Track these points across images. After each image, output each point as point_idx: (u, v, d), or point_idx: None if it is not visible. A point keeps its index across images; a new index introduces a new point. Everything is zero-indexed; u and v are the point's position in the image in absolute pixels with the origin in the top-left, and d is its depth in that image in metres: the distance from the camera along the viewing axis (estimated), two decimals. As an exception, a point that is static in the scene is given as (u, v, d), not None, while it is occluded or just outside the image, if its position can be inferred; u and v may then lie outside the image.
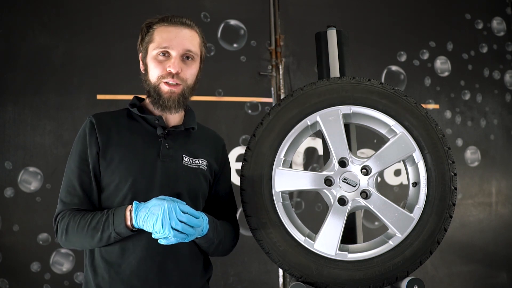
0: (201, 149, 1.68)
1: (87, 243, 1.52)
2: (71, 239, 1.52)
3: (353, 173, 1.52)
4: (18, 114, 2.98)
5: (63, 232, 1.52)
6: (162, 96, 1.58)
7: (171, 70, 1.56)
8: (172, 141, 1.61)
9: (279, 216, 1.51)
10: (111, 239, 1.48)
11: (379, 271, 1.47)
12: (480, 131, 3.69)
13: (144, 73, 1.63)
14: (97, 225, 1.48)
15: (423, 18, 3.65)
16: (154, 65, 1.58)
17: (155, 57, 1.58)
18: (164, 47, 1.57)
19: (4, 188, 2.92)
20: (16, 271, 2.89)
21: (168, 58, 1.58)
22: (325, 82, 1.55)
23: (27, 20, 3.03)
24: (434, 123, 1.51)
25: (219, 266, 3.16)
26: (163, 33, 1.59)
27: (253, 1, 3.40)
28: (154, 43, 1.59)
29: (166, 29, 1.59)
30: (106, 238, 1.48)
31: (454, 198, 1.49)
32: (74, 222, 1.51)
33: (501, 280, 3.60)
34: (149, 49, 1.60)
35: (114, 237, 1.47)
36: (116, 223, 1.46)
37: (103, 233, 1.47)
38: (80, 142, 1.58)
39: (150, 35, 1.61)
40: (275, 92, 3.37)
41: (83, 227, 1.49)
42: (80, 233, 1.49)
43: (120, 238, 1.49)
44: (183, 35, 1.59)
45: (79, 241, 1.52)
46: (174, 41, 1.57)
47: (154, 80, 1.58)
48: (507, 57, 3.78)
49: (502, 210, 3.68)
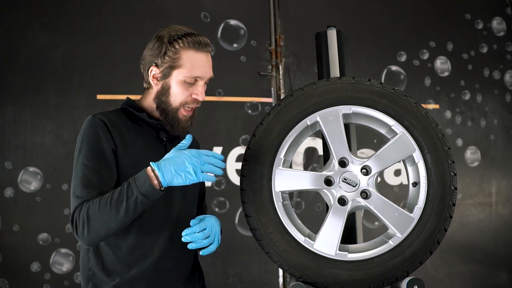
0: None
1: (113, 222, 1.42)
2: (95, 224, 1.43)
3: (353, 173, 1.52)
4: (18, 114, 2.98)
5: (84, 222, 1.44)
6: (179, 120, 1.59)
7: (198, 99, 1.59)
8: (173, 144, 1.63)
9: (279, 216, 1.51)
10: (138, 206, 1.41)
11: (379, 271, 1.47)
12: (480, 131, 3.69)
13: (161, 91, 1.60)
14: (120, 196, 1.41)
15: (423, 18, 3.65)
16: (181, 91, 1.57)
17: (183, 83, 1.57)
18: (195, 76, 1.57)
19: (4, 188, 2.92)
20: (16, 271, 2.89)
21: (193, 84, 1.58)
22: (325, 82, 1.55)
23: (27, 20, 3.03)
24: (434, 123, 1.51)
25: (219, 266, 3.16)
26: (193, 59, 1.56)
27: (253, 1, 3.40)
28: (184, 69, 1.56)
29: (195, 55, 1.57)
30: (133, 206, 1.40)
31: (454, 198, 1.49)
32: (94, 205, 1.43)
33: (501, 280, 3.60)
34: (175, 72, 1.57)
35: (141, 201, 1.40)
36: (139, 184, 1.40)
37: (128, 201, 1.40)
38: (94, 139, 1.52)
39: (176, 56, 1.56)
40: (275, 92, 3.37)
41: (105, 205, 1.42)
42: (103, 212, 1.42)
43: (148, 203, 1.42)
44: (209, 64, 1.60)
45: (104, 224, 1.42)
46: (203, 70, 1.58)
47: (176, 104, 1.58)
48: (507, 57, 3.78)
49: (502, 210, 3.68)
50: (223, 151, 3.25)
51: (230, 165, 3.27)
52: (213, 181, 1.43)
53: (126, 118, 1.62)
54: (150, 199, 1.41)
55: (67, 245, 2.95)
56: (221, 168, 1.43)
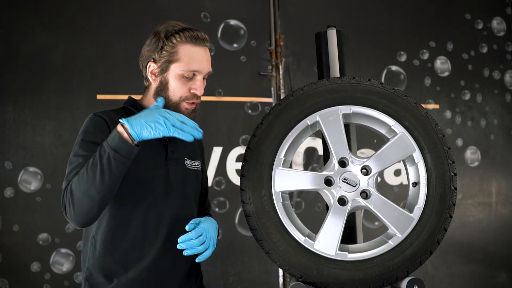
0: (194, 150, 1.72)
1: (93, 188, 1.38)
2: (77, 196, 1.40)
3: (353, 173, 1.52)
4: (18, 114, 2.98)
5: (68, 198, 1.42)
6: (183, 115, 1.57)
7: (197, 93, 1.57)
8: (175, 144, 1.63)
9: (279, 216, 1.51)
10: (112, 164, 1.37)
11: (379, 271, 1.47)
12: (480, 131, 3.69)
13: (159, 87, 1.59)
14: (94, 159, 1.39)
15: (423, 18, 3.65)
16: (179, 85, 1.56)
17: (181, 77, 1.56)
18: (193, 70, 1.55)
19: (4, 188, 2.92)
20: (16, 271, 2.89)
21: (191, 79, 1.56)
22: (325, 82, 1.55)
23: (27, 20, 3.03)
24: (434, 123, 1.51)
25: (219, 266, 3.16)
26: (190, 53, 1.55)
27: (253, 1, 3.40)
28: (181, 63, 1.55)
29: (193, 49, 1.56)
30: (107, 164, 1.36)
31: (454, 198, 1.49)
32: (75, 179, 1.42)
33: (501, 280, 3.60)
34: (173, 67, 1.56)
35: (114, 157, 1.36)
36: (109, 140, 1.38)
37: (102, 160, 1.36)
38: (92, 133, 1.52)
39: (174, 50, 1.55)
40: (275, 92, 3.37)
41: (83, 173, 1.39)
42: (81, 181, 1.39)
43: (122, 159, 1.38)
44: (207, 58, 1.59)
45: (84, 192, 1.39)
46: (201, 64, 1.56)
47: (176, 99, 1.56)
48: (507, 57, 3.78)
49: (502, 210, 3.68)
50: (223, 151, 3.25)
51: (230, 165, 3.27)
52: (189, 140, 1.39)
53: None
54: (123, 154, 1.37)
55: (67, 245, 2.95)
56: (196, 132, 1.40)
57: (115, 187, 1.42)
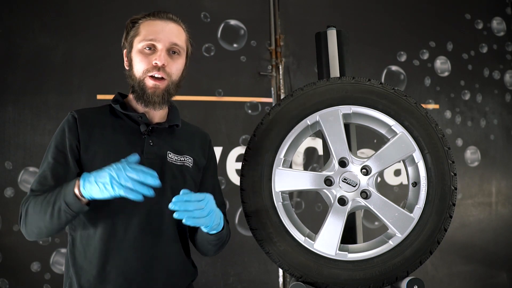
0: (186, 146, 1.65)
1: (42, 223, 1.41)
2: (29, 220, 1.44)
3: (353, 173, 1.52)
4: (18, 114, 2.98)
5: (22, 215, 1.46)
6: (146, 91, 1.54)
7: (157, 63, 1.53)
8: (157, 137, 1.59)
9: (279, 216, 1.51)
10: (62, 214, 1.37)
11: (379, 271, 1.47)
12: (480, 131, 3.69)
13: (129, 69, 1.60)
14: (51, 197, 1.39)
15: (423, 18, 3.65)
16: (140, 58, 1.55)
17: (141, 50, 1.55)
18: (150, 40, 1.54)
19: (4, 188, 2.92)
20: (16, 271, 2.89)
21: (153, 51, 1.55)
22: (325, 82, 1.55)
23: (27, 20, 3.03)
24: (434, 123, 1.51)
25: (219, 266, 3.16)
26: (149, 26, 1.57)
27: (253, 1, 3.40)
28: (140, 36, 1.56)
29: (152, 22, 1.58)
30: (57, 212, 1.37)
31: (454, 198, 1.49)
32: (33, 201, 1.44)
33: (501, 280, 3.60)
34: (134, 42, 1.58)
35: (64, 209, 1.36)
36: (66, 192, 1.36)
37: (54, 206, 1.37)
38: (60, 135, 1.54)
39: (136, 29, 1.59)
40: (275, 92, 3.37)
41: (40, 204, 1.41)
42: (35, 211, 1.41)
43: (71, 213, 1.37)
44: (169, 29, 1.57)
45: (34, 222, 1.42)
46: (161, 34, 1.55)
47: (139, 74, 1.55)
48: (507, 57, 3.78)
49: (502, 210, 3.68)
50: (223, 151, 3.25)
51: (230, 165, 3.27)
52: (137, 199, 1.29)
53: (109, 114, 1.61)
54: (73, 209, 1.36)
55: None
56: (150, 186, 1.29)
57: (62, 228, 1.44)
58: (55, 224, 1.41)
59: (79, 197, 1.35)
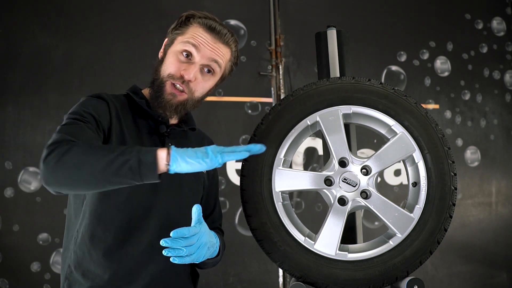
0: None
1: (86, 169, 1.19)
2: (68, 161, 1.20)
3: (353, 173, 1.51)
4: (18, 114, 2.98)
5: (59, 154, 1.21)
6: (163, 94, 1.50)
7: (184, 76, 1.48)
8: (174, 140, 1.58)
9: (279, 216, 1.51)
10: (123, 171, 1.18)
11: (379, 271, 1.47)
12: (480, 131, 3.69)
13: (159, 61, 1.54)
14: (117, 148, 1.22)
15: (423, 18, 3.65)
16: (172, 60, 1.50)
17: (178, 53, 1.49)
18: (191, 47, 1.48)
19: (4, 188, 2.92)
20: (16, 271, 2.89)
21: (189, 61, 1.49)
22: (325, 82, 1.55)
23: (27, 20, 3.03)
24: (434, 123, 1.51)
25: (219, 266, 3.14)
26: (198, 33, 1.50)
27: (253, 1, 3.40)
28: (184, 37, 1.50)
29: (203, 32, 1.51)
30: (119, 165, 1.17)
31: (454, 198, 1.49)
32: (83, 146, 1.23)
33: (501, 280, 3.60)
34: (177, 40, 1.52)
35: (132, 166, 1.17)
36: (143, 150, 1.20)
37: (119, 156, 1.18)
38: (91, 105, 1.43)
39: (185, 27, 1.52)
40: (275, 92, 3.37)
41: (96, 147, 1.23)
42: (85, 153, 1.20)
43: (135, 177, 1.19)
44: (216, 48, 1.51)
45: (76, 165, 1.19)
46: (204, 49, 1.49)
47: (164, 75, 1.50)
48: (507, 57, 3.78)
49: (502, 210, 3.68)
50: (223, 151, 3.25)
51: (230, 165, 3.27)
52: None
53: (128, 106, 1.55)
54: (144, 173, 1.20)
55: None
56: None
57: (103, 188, 1.26)
58: (103, 179, 1.19)
59: (157, 163, 1.20)
